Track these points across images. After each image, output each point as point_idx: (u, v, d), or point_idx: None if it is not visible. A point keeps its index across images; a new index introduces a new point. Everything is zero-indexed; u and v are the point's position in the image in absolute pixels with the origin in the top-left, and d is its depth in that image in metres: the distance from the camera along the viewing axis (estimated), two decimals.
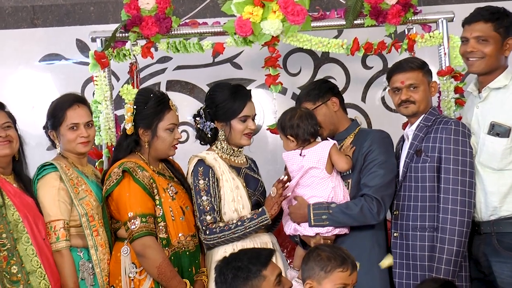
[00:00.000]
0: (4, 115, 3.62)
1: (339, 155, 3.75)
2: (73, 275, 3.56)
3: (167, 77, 5.12)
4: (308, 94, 3.95)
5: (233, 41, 4.34)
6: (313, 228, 3.71)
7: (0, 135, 3.54)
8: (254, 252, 3.21)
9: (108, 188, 3.69)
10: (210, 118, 3.91)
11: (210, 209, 3.76)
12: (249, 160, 4.04)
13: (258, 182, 3.95)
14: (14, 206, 3.50)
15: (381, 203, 3.68)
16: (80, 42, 5.07)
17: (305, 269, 3.14)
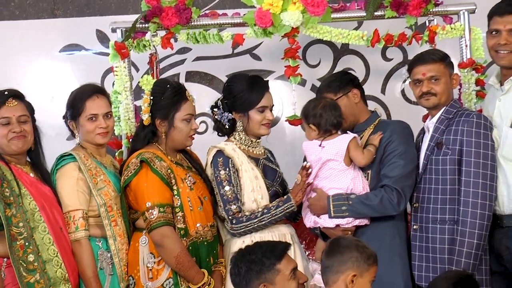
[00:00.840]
0: (21, 107, 3.62)
1: (357, 149, 3.73)
2: (92, 264, 3.58)
3: (187, 68, 5.13)
4: (329, 86, 3.94)
5: (253, 32, 4.34)
6: (333, 219, 3.70)
7: (15, 130, 3.55)
8: (269, 245, 3.20)
9: (126, 179, 3.69)
10: (228, 109, 3.90)
11: (234, 199, 3.76)
12: (266, 151, 4.03)
13: (276, 172, 3.94)
14: (30, 196, 3.51)
15: (401, 193, 3.67)
16: (100, 32, 5.08)
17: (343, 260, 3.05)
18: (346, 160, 3.72)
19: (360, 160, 3.71)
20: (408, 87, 3.93)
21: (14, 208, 3.44)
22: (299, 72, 4.34)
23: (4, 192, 3.43)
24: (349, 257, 3.05)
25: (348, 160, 3.73)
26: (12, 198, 3.45)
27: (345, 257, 3.05)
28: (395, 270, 3.70)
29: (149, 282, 3.62)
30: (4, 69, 5.06)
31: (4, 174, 3.46)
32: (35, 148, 3.68)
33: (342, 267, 3.05)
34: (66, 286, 3.50)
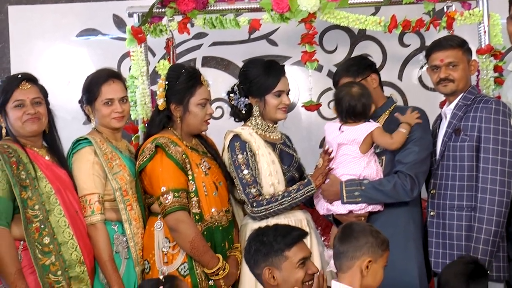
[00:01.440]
0: (35, 90, 3.63)
1: (383, 136, 3.69)
2: (108, 248, 3.59)
3: (203, 53, 5.12)
4: (348, 70, 3.92)
5: (270, 17, 4.32)
6: (345, 205, 3.69)
7: (29, 112, 3.56)
8: (284, 230, 3.18)
9: (141, 163, 3.70)
10: (244, 94, 3.89)
11: (253, 182, 3.75)
12: (283, 136, 4.02)
13: (292, 157, 3.92)
14: (46, 179, 3.53)
15: (414, 180, 3.65)
16: (117, 17, 5.08)
17: (358, 246, 3.01)
18: (362, 148, 3.70)
19: (390, 145, 3.69)
20: (425, 73, 3.91)
21: (30, 191, 3.46)
22: (316, 58, 4.32)
23: (20, 175, 3.45)
24: (364, 242, 3.02)
25: (365, 148, 3.71)
26: (28, 181, 3.47)
27: (360, 243, 3.02)
28: (409, 256, 3.69)
29: (164, 266, 3.63)
30: (21, 54, 5.09)
31: (20, 157, 3.48)
32: (50, 131, 3.70)
33: (357, 253, 3.01)
34: (81, 268, 3.52)
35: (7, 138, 3.58)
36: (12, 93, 3.56)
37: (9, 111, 3.56)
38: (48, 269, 3.44)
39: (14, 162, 3.45)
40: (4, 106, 3.57)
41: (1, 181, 3.41)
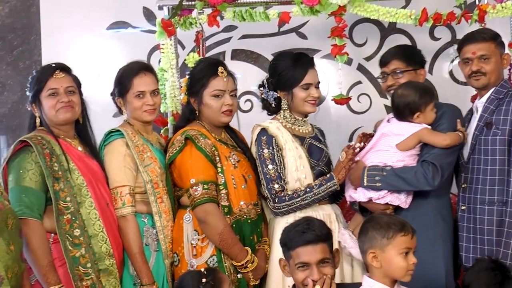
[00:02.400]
0: (69, 79, 3.66)
1: (433, 134, 3.63)
2: (138, 240, 3.60)
3: (232, 46, 5.12)
4: (403, 55, 3.89)
5: (300, 10, 4.30)
6: (365, 193, 3.67)
7: (63, 100, 3.58)
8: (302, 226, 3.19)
9: (171, 156, 3.72)
10: (273, 88, 3.89)
11: (277, 177, 3.75)
12: (316, 129, 4.00)
13: (322, 152, 3.90)
14: (78, 171, 3.55)
15: (438, 168, 3.58)
16: (147, 10, 5.10)
17: (365, 240, 3.10)
18: (402, 145, 3.65)
19: (442, 141, 3.60)
20: (456, 67, 3.88)
21: (62, 182, 3.48)
22: (346, 51, 4.30)
23: (53, 166, 3.48)
24: (367, 235, 3.08)
25: (405, 146, 3.66)
26: (61, 173, 3.49)
27: (365, 237, 3.10)
28: (436, 252, 3.65)
29: (193, 259, 3.64)
30: (52, 46, 5.13)
31: (53, 148, 3.51)
32: (83, 121, 3.72)
33: (364, 247, 3.10)
34: (111, 261, 3.53)
35: (41, 128, 3.61)
36: (46, 82, 3.59)
37: (43, 100, 3.59)
38: (78, 261, 3.46)
39: (48, 154, 3.47)
40: (38, 95, 3.60)
41: (35, 173, 3.44)
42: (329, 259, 3.14)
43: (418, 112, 3.65)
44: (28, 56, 5.11)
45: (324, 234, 3.15)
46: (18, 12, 5.12)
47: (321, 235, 3.14)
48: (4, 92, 5.09)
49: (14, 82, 5.09)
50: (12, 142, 4.81)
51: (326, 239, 3.16)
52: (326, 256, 3.13)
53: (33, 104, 3.63)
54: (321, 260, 3.12)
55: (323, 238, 3.14)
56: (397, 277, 3.04)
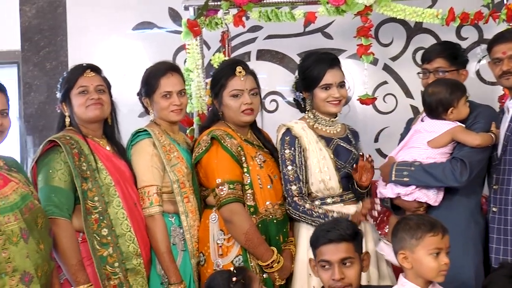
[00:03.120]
0: (99, 78, 3.68)
1: (466, 133, 3.61)
2: (166, 239, 3.61)
3: (258, 46, 5.12)
4: (447, 54, 3.84)
5: (325, 10, 4.29)
6: (394, 189, 3.66)
7: (93, 97, 3.60)
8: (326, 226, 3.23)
9: (197, 155, 3.73)
10: (299, 88, 3.89)
11: (295, 179, 3.74)
12: (348, 131, 3.97)
13: (350, 154, 3.87)
14: (106, 170, 3.57)
15: (466, 165, 3.56)
16: (172, 10, 5.12)
17: (396, 241, 3.10)
18: (433, 142, 3.64)
19: (473, 141, 3.58)
20: (483, 67, 3.85)
21: (90, 182, 3.50)
22: (372, 51, 4.29)
23: (81, 166, 3.50)
24: (397, 237, 3.08)
25: (436, 144, 3.64)
26: (89, 172, 3.51)
27: (396, 238, 3.09)
28: (467, 255, 3.61)
29: (219, 259, 3.65)
30: (79, 47, 5.16)
31: (81, 148, 3.53)
32: (112, 122, 3.74)
33: (395, 248, 3.10)
34: (138, 261, 3.54)
35: (70, 128, 3.63)
36: (77, 80, 3.62)
37: (73, 98, 3.62)
38: (105, 261, 3.47)
39: (76, 154, 3.49)
40: (68, 94, 3.63)
41: (64, 172, 3.47)
42: (352, 259, 3.13)
43: (452, 108, 3.63)
44: (55, 56, 5.14)
45: (348, 234, 3.15)
46: (45, 13, 5.16)
47: (344, 235, 3.14)
48: (31, 92, 5.13)
49: (40, 83, 5.13)
50: (39, 142, 4.89)
51: (351, 239, 3.15)
52: (349, 255, 3.12)
53: (63, 103, 3.66)
54: (343, 260, 3.11)
55: (346, 238, 3.14)
56: (429, 278, 3.02)
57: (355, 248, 3.16)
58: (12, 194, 3.19)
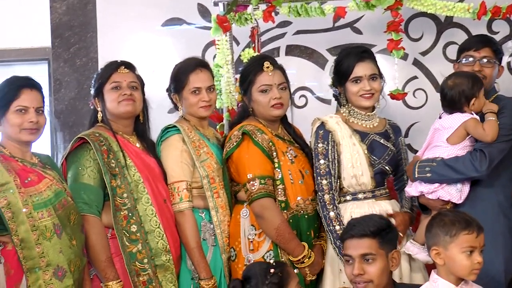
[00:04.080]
0: (132, 75, 3.71)
1: (477, 128, 3.59)
2: (196, 235, 3.62)
3: (287, 41, 5.09)
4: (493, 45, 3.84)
5: (355, 5, 4.27)
6: (418, 187, 3.64)
7: (125, 93, 3.62)
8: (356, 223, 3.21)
9: (228, 150, 3.74)
10: (334, 83, 3.88)
11: (326, 173, 3.73)
12: (388, 126, 3.93)
13: (386, 149, 3.82)
14: (135, 167, 3.59)
15: (485, 155, 3.53)
16: (201, 6, 5.11)
17: (429, 236, 3.07)
18: (452, 139, 3.62)
19: (484, 137, 3.57)
20: None
21: (119, 179, 3.53)
22: (402, 46, 4.26)
23: (110, 163, 3.52)
24: (431, 233, 3.05)
25: (455, 139, 3.62)
26: (118, 169, 3.54)
27: (430, 234, 3.06)
28: (496, 250, 3.58)
29: (250, 254, 3.65)
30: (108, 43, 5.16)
31: (110, 145, 3.55)
32: (143, 119, 3.76)
33: (429, 243, 3.07)
34: (167, 257, 3.56)
35: (100, 125, 3.66)
36: (110, 76, 3.65)
37: (106, 93, 3.65)
38: (134, 257, 3.50)
39: (105, 151, 3.52)
40: (101, 89, 3.66)
41: (93, 170, 3.50)
42: (374, 256, 3.10)
43: (474, 98, 3.61)
44: (85, 53, 5.16)
45: (371, 231, 3.12)
46: (75, 10, 5.18)
47: (367, 231, 3.12)
48: (61, 89, 5.16)
49: (71, 79, 5.15)
50: (69, 138, 4.92)
51: (374, 235, 3.12)
52: (370, 252, 3.10)
53: (95, 98, 3.69)
54: (364, 255, 3.10)
55: (369, 234, 3.11)
56: (461, 276, 2.99)
57: (380, 245, 3.12)
58: (46, 190, 3.24)
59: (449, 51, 4.88)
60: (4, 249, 3.15)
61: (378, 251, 3.11)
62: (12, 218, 3.11)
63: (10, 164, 3.23)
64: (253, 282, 3.26)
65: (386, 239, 3.16)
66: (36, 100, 3.31)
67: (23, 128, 3.27)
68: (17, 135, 3.28)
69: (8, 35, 5.21)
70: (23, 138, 3.30)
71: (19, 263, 3.11)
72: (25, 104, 3.28)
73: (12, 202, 3.12)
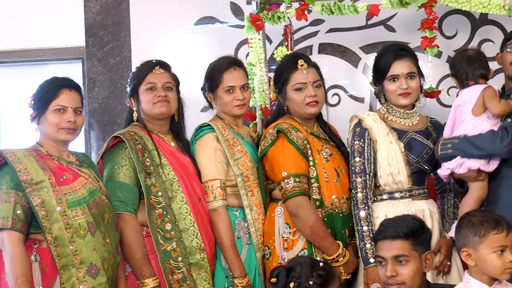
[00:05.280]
0: (167, 75, 3.72)
1: (492, 98, 3.57)
2: (230, 233, 3.63)
3: (319, 39, 5.07)
4: None
5: (389, 3, 4.24)
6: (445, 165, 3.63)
7: (160, 94, 3.64)
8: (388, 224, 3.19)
9: (263, 149, 3.74)
10: (375, 81, 3.86)
11: (361, 171, 3.71)
12: (429, 124, 3.88)
13: (424, 148, 3.77)
14: (170, 166, 3.60)
15: (507, 132, 3.50)
16: (234, 5, 5.11)
17: (459, 238, 3.04)
18: (475, 110, 3.61)
19: (493, 108, 3.56)
20: None
21: (154, 177, 3.54)
22: (436, 43, 4.22)
23: (145, 161, 3.54)
24: (461, 234, 3.02)
25: (478, 110, 3.61)
26: (152, 168, 3.55)
27: (460, 235, 3.04)
28: None
29: (284, 252, 3.65)
30: (141, 42, 5.19)
31: (145, 144, 3.57)
32: (178, 119, 3.77)
33: (458, 245, 3.05)
34: (202, 255, 3.57)
35: (136, 124, 3.68)
36: (145, 76, 3.67)
37: (141, 93, 3.67)
38: (169, 255, 3.52)
39: (140, 149, 3.54)
40: (136, 89, 3.68)
41: (128, 168, 3.52)
42: (407, 257, 3.07)
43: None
44: (118, 52, 5.19)
45: (404, 232, 3.08)
46: (109, 9, 5.21)
47: (400, 232, 3.09)
48: (95, 88, 5.19)
49: (104, 78, 5.18)
50: (103, 137, 4.96)
51: (406, 237, 3.08)
52: (403, 253, 3.07)
53: (131, 98, 3.71)
54: (397, 257, 3.07)
55: (401, 236, 3.08)
56: (494, 276, 2.96)
57: (413, 246, 3.09)
58: (81, 189, 3.26)
59: (483, 48, 4.81)
60: (40, 247, 3.19)
61: (411, 253, 3.08)
62: (46, 216, 3.14)
63: (45, 162, 3.26)
64: (298, 270, 3.22)
65: (419, 241, 3.12)
66: (74, 100, 3.35)
67: (61, 128, 3.31)
68: (55, 134, 3.32)
69: (43, 34, 5.25)
70: (60, 138, 3.33)
71: (53, 261, 3.14)
72: (63, 104, 3.31)
73: (46, 200, 3.15)
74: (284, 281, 3.22)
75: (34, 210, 3.13)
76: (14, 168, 3.16)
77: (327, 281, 3.22)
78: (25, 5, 5.27)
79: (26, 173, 3.17)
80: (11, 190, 3.15)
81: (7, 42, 5.28)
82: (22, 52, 5.30)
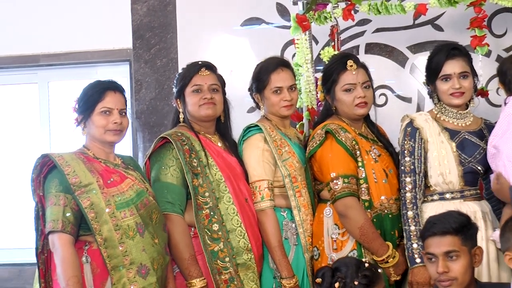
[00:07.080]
0: (213, 77, 3.74)
1: None
2: (277, 233, 3.62)
3: (366, 39, 5.04)
4: None
5: (437, 2, 4.18)
6: None
7: (206, 97, 3.65)
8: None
9: (311, 149, 3.73)
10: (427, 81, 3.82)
11: (410, 171, 3.67)
12: (484, 125, 3.82)
13: (477, 148, 3.71)
14: (217, 166, 3.61)
15: None
16: (280, 6, 5.10)
17: (503, 241, 3.00)
18: None
19: None
20: None
21: (201, 178, 3.56)
22: (486, 42, 4.17)
23: (192, 162, 3.56)
24: (504, 237, 2.98)
25: None
26: (199, 169, 3.57)
27: (503, 238, 2.99)
28: None
29: (334, 253, 3.64)
30: (188, 44, 5.21)
31: (192, 144, 3.59)
32: (224, 120, 3.79)
33: (503, 248, 3.00)
34: (249, 256, 3.57)
35: (182, 124, 3.71)
36: (192, 78, 3.69)
37: (187, 95, 3.69)
38: (216, 255, 3.53)
39: (187, 150, 3.56)
40: (183, 91, 3.70)
41: (176, 169, 3.54)
42: (458, 253, 3.04)
43: None
44: (165, 54, 5.23)
45: (453, 228, 3.06)
46: (155, 11, 5.25)
47: (449, 228, 3.06)
48: (141, 89, 5.23)
49: (151, 80, 5.22)
50: (150, 138, 4.99)
51: (456, 232, 3.06)
52: (454, 249, 3.04)
53: (177, 100, 3.74)
54: (448, 253, 3.04)
55: (451, 231, 3.05)
56: None
57: (462, 241, 3.06)
58: (128, 190, 3.29)
59: None
60: (90, 249, 3.22)
61: (461, 248, 3.05)
62: (95, 218, 3.17)
63: (93, 165, 3.30)
64: (343, 270, 3.21)
65: (468, 235, 3.10)
66: (119, 102, 3.39)
67: (107, 129, 3.35)
68: (102, 136, 3.35)
69: (91, 37, 5.30)
70: (107, 139, 3.36)
71: (104, 262, 3.18)
72: (109, 106, 3.35)
73: (95, 202, 3.19)
74: (329, 281, 3.21)
75: (83, 212, 3.16)
76: (63, 171, 3.20)
77: (372, 281, 3.20)
78: (73, 8, 5.33)
79: (75, 176, 3.21)
80: (60, 193, 3.19)
81: (56, 45, 5.35)
82: (71, 54, 5.36)
